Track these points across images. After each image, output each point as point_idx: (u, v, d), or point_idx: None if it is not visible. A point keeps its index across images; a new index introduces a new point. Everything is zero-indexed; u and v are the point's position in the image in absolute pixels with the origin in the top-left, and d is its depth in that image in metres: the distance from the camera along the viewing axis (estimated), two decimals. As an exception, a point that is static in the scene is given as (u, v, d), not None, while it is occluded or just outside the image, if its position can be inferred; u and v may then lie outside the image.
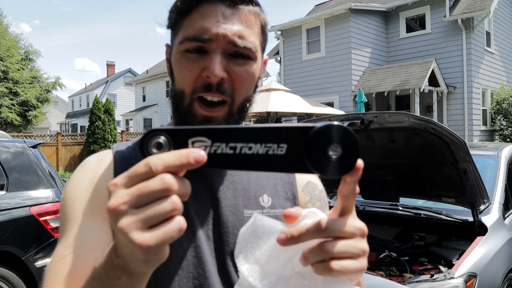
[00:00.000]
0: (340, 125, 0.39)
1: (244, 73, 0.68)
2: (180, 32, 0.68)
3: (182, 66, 0.67)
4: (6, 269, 3.10)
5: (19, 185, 3.32)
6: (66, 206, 0.68)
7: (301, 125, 0.39)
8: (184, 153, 0.38)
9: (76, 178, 0.71)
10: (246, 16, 0.68)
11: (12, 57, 17.46)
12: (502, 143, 3.89)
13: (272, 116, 12.82)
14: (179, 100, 0.69)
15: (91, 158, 0.74)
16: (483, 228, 2.52)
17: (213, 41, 0.65)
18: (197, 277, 0.66)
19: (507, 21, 15.71)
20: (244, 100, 0.70)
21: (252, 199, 0.73)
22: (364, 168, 0.43)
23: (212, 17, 0.65)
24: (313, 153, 0.39)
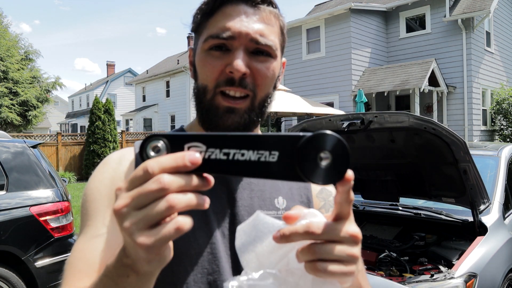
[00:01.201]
0: (331, 133, 0.40)
1: (265, 70, 0.70)
2: (204, 33, 0.71)
3: (206, 63, 0.70)
4: (6, 269, 3.10)
5: (19, 185, 3.32)
6: (87, 202, 0.71)
7: (293, 133, 0.41)
8: (180, 155, 0.40)
9: (98, 175, 0.73)
10: (267, 15, 0.71)
11: (12, 57, 17.45)
12: (502, 143, 3.89)
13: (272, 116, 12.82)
14: (202, 95, 0.71)
15: (113, 155, 0.77)
16: (483, 228, 2.52)
17: (235, 39, 0.68)
18: (211, 272, 0.68)
19: (507, 21, 15.71)
20: (265, 96, 0.73)
21: (267, 201, 0.75)
22: (364, 168, 0.44)
23: (235, 16, 0.68)
24: (303, 160, 0.40)
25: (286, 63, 0.82)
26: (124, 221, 0.40)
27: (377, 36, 14.36)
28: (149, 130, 23.74)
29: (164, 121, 24.39)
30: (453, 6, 13.39)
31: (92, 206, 0.70)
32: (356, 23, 13.46)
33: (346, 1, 16.01)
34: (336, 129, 2.75)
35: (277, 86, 0.78)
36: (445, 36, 13.32)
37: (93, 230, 0.67)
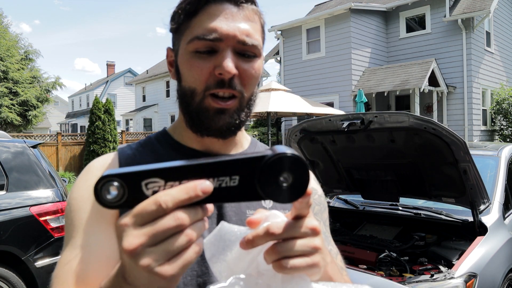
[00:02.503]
0: (290, 155, 0.40)
1: (251, 70, 0.70)
2: (186, 33, 0.69)
3: (193, 65, 0.68)
4: (6, 269, 3.10)
5: (19, 185, 3.32)
6: (72, 212, 0.70)
7: (252, 156, 0.40)
8: (192, 186, 0.39)
9: (81, 183, 0.72)
10: (250, 14, 0.70)
11: (12, 57, 17.44)
12: (502, 143, 3.89)
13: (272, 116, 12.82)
14: (189, 98, 0.70)
15: (95, 162, 0.76)
16: (483, 228, 2.52)
17: (223, 40, 0.67)
18: (200, 275, 0.68)
19: (507, 21, 15.70)
20: (251, 95, 0.73)
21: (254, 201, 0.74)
22: (364, 168, 0.44)
23: (220, 17, 0.67)
24: (265, 182, 0.40)
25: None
26: (141, 259, 0.39)
27: (377, 36, 14.35)
28: (149, 130, 23.74)
29: (164, 121, 24.39)
30: (453, 6, 13.39)
31: (76, 216, 0.69)
32: (356, 23, 13.45)
33: (346, 1, 16.00)
34: (336, 129, 2.75)
35: (259, 84, 0.78)
36: (445, 36, 13.31)
37: (79, 241, 0.67)
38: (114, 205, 0.40)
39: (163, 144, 0.78)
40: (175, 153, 0.76)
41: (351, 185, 3.20)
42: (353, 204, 3.41)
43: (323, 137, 2.92)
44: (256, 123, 18.51)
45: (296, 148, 3.14)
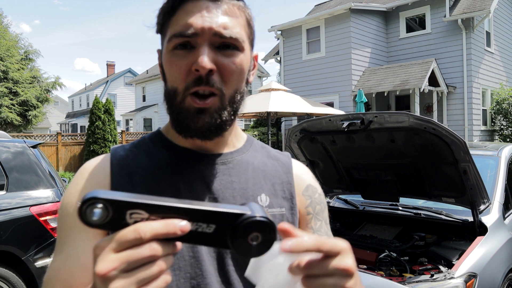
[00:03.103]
0: (264, 219, 0.44)
1: (231, 64, 0.68)
2: (167, 32, 0.69)
3: (172, 64, 0.68)
4: (6, 269, 3.10)
5: (19, 185, 3.32)
6: (63, 217, 0.70)
7: (231, 212, 0.44)
8: (172, 224, 0.41)
9: (73, 187, 0.73)
10: (230, 8, 0.69)
11: (12, 57, 17.44)
12: (502, 143, 3.89)
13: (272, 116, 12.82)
14: (172, 98, 0.69)
15: (87, 165, 0.75)
16: (483, 228, 2.52)
17: (198, 35, 0.66)
18: (194, 276, 0.67)
19: (507, 21, 15.70)
20: (234, 92, 0.70)
21: (250, 199, 0.74)
22: (364, 168, 0.45)
23: (196, 12, 0.66)
24: (236, 238, 0.44)
25: (257, 56, 0.79)
26: (111, 283, 0.40)
27: (377, 36, 14.35)
28: (149, 130, 23.74)
29: (164, 121, 24.39)
30: (453, 6, 13.39)
31: (67, 222, 0.69)
32: (356, 23, 13.45)
33: (346, 1, 16.00)
34: (336, 129, 2.75)
35: (249, 81, 0.75)
36: (445, 36, 13.31)
37: (69, 248, 0.67)
38: (95, 225, 0.41)
39: (157, 144, 0.77)
40: (168, 152, 0.75)
41: (351, 185, 3.20)
42: (353, 204, 3.41)
43: (323, 137, 2.91)
44: (256, 123, 18.51)
45: (296, 148, 3.14)
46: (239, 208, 0.45)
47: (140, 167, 0.73)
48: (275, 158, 0.83)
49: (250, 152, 0.80)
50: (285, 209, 0.77)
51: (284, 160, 0.84)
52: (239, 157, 0.78)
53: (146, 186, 0.71)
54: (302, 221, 0.82)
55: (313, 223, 0.82)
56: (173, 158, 0.74)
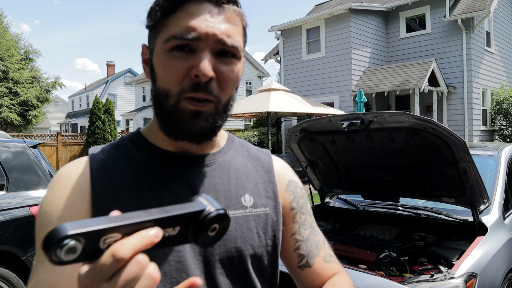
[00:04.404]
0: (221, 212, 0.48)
1: (230, 73, 0.67)
2: (164, 31, 0.66)
3: (168, 65, 0.65)
4: (6, 269, 3.10)
5: (19, 185, 3.32)
6: (42, 225, 0.67)
7: (192, 211, 0.47)
8: (147, 236, 0.41)
9: (50, 194, 0.69)
10: (232, 15, 0.68)
11: (12, 57, 17.45)
12: (502, 143, 3.89)
13: (272, 116, 12.82)
14: (163, 99, 0.67)
15: (65, 170, 0.72)
16: (483, 228, 2.52)
17: (201, 40, 0.64)
18: (180, 280, 0.66)
19: (507, 21, 15.70)
20: (229, 99, 0.70)
21: (234, 200, 0.74)
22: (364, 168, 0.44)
23: (199, 16, 0.64)
24: (199, 233, 0.47)
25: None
26: None
27: (377, 36, 14.35)
28: (149, 130, 23.66)
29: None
30: (453, 6, 13.39)
31: (47, 230, 0.66)
32: (356, 23, 13.45)
33: (346, 1, 16.00)
34: (336, 129, 2.75)
35: (238, 87, 0.75)
36: (445, 36, 13.31)
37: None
38: (66, 262, 0.39)
39: (137, 146, 0.75)
40: (149, 156, 0.73)
41: (351, 185, 3.20)
42: (353, 204, 3.41)
43: (323, 137, 2.91)
44: (256, 123, 18.50)
45: (296, 148, 3.14)
46: (197, 206, 0.47)
47: (121, 172, 0.71)
48: (256, 157, 0.83)
49: (232, 152, 0.80)
50: (269, 208, 0.78)
51: (265, 159, 0.84)
52: (221, 158, 0.77)
53: (128, 192, 0.69)
54: (287, 216, 0.83)
55: (298, 217, 0.84)
56: (154, 162, 0.73)
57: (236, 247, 0.72)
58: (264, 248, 0.76)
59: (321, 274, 0.84)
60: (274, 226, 0.78)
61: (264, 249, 0.76)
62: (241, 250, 0.72)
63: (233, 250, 0.71)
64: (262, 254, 0.75)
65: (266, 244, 0.76)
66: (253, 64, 26.90)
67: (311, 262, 0.84)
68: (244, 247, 0.72)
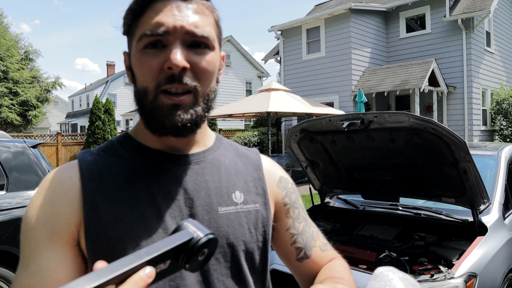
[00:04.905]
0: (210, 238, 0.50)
1: (204, 63, 0.68)
2: (136, 32, 0.69)
3: (143, 63, 0.67)
4: (6, 269, 3.10)
5: (19, 185, 3.32)
6: (27, 231, 0.67)
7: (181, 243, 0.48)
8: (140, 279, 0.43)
9: (36, 200, 0.69)
10: (200, 7, 0.69)
11: (12, 57, 17.44)
12: (502, 143, 3.89)
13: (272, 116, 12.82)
14: (143, 97, 0.69)
15: (51, 175, 0.72)
16: (483, 228, 2.52)
17: (170, 33, 0.66)
18: (173, 278, 0.67)
19: (507, 21, 15.70)
20: (207, 90, 0.71)
21: (225, 196, 0.75)
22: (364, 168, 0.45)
23: (167, 11, 0.66)
24: (190, 261, 0.50)
25: (225, 57, 0.80)
26: None
27: (377, 36, 14.35)
28: (149, 130, 23.68)
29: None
30: (453, 6, 13.39)
31: (33, 236, 0.66)
32: (356, 23, 13.45)
33: (346, 1, 16.00)
34: (336, 129, 2.75)
35: (218, 80, 0.76)
36: (445, 36, 13.31)
37: (35, 264, 0.65)
38: None
39: (127, 147, 0.76)
40: (139, 155, 0.74)
41: (351, 185, 3.20)
42: (353, 204, 3.41)
43: (323, 137, 2.91)
44: (256, 123, 18.49)
45: (296, 148, 3.14)
46: (184, 235, 0.49)
47: (111, 171, 0.71)
48: (245, 155, 0.85)
49: (221, 151, 0.82)
50: (259, 205, 0.79)
51: (254, 157, 0.86)
52: (211, 156, 0.78)
53: (120, 191, 0.69)
54: (281, 212, 0.85)
55: (291, 212, 0.86)
56: (145, 161, 0.73)
57: (229, 243, 0.73)
58: (255, 243, 0.77)
59: (319, 263, 0.87)
60: (264, 222, 0.79)
61: (255, 244, 0.77)
62: (234, 246, 0.73)
63: (226, 246, 0.73)
64: (253, 249, 0.77)
65: (257, 239, 0.78)
66: (253, 64, 26.91)
67: (308, 254, 0.86)
68: (236, 242, 0.74)
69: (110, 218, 0.67)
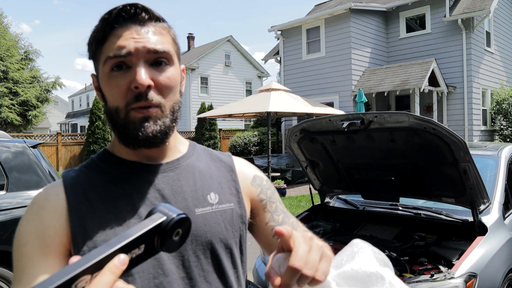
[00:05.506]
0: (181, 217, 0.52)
1: (166, 79, 0.75)
2: (101, 57, 0.75)
3: (111, 85, 0.74)
4: (6, 269, 3.10)
5: (19, 185, 3.32)
6: (20, 247, 0.73)
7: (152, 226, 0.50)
8: (114, 267, 0.46)
9: (27, 217, 0.75)
10: (158, 29, 0.76)
11: (12, 57, 17.44)
12: (502, 143, 3.89)
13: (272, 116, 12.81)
14: (115, 115, 0.75)
15: (37, 197, 0.78)
16: (483, 228, 2.52)
17: (132, 55, 0.72)
18: (156, 276, 0.73)
19: (507, 21, 15.70)
20: (172, 103, 0.77)
21: (200, 198, 0.81)
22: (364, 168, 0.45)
23: (127, 36, 0.73)
24: (165, 243, 0.51)
25: (185, 69, 0.87)
26: None
27: (377, 36, 14.35)
28: (149, 130, 23.66)
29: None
30: (453, 6, 13.39)
31: (25, 251, 0.72)
32: (356, 23, 13.45)
33: (346, 1, 16.00)
34: (336, 129, 2.75)
35: (181, 91, 0.82)
36: (445, 36, 13.31)
37: (28, 278, 0.69)
38: None
39: (107, 162, 0.82)
40: (118, 167, 0.81)
41: (351, 185, 3.20)
42: (353, 204, 3.41)
43: (323, 137, 2.91)
44: (256, 123, 18.50)
45: (296, 148, 3.14)
46: (155, 219, 0.51)
47: (93, 184, 0.78)
48: (218, 159, 0.92)
49: (195, 156, 0.88)
50: (233, 204, 0.85)
51: (227, 160, 0.92)
52: (185, 163, 0.85)
53: (102, 201, 0.75)
54: (258, 207, 0.91)
55: (268, 206, 0.92)
56: (123, 172, 0.80)
57: (207, 241, 0.79)
58: (232, 239, 0.83)
59: None
60: (239, 219, 0.85)
61: (233, 240, 0.83)
62: (212, 243, 0.79)
63: (205, 243, 0.79)
64: (231, 245, 0.82)
65: (234, 235, 0.83)
66: (253, 64, 26.90)
67: None
68: (214, 240, 0.79)
69: (95, 226, 0.73)
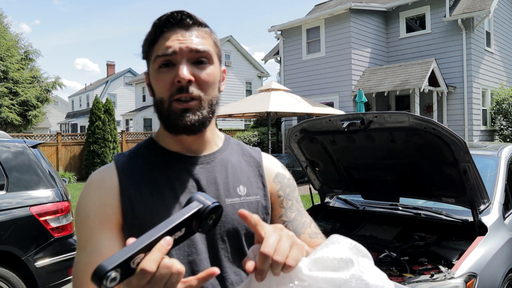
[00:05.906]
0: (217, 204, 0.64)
1: (206, 76, 0.87)
2: (152, 56, 0.88)
3: (159, 79, 0.86)
4: (6, 269, 3.10)
5: (19, 185, 3.32)
6: (82, 219, 0.86)
7: (192, 213, 0.62)
8: (161, 247, 0.57)
9: (85, 195, 0.88)
10: (200, 33, 0.88)
11: (12, 57, 17.44)
12: (502, 143, 3.89)
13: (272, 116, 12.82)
14: (160, 106, 0.87)
15: (94, 176, 0.90)
16: (483, 228, 2.52)
17: (177, 53, 0.84)
18: (190, 254, 0.85)
19: (507, 21, 15.70)
20: (210, 98, 0.88)
21: (231, 190, 0.92)
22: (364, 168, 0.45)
23: (174, 38, 0.86)
24: (202, 226, 0.63)
25: (225, 70, 0.98)
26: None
27: (377, 36, 14.35)
28: (149, 130, 23.72)
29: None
30: (453, 6, 13.39)
31: (88, 223, 0.84)
32: (356, 23, 13.45)
33: (346, 1, 16.00)
34: (336, 129, 2.75)
35: (221, 90, 0.93)
36: (445, 36, 13.31)
37: (92, 245, 0.82)
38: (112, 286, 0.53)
39: (152, 150, 0.94)
40: (162, 157, 0.92)
41: (351, 185, 3.20)
42: (353, 204, 3.41)
43: (323, 137, 2.91)
44: (256, 123, 18.49)
45: (296, 148, 3.14)
46: (193, 207, 0.62)
47: (140, 170, 0.90)
48: (249, 154, 1.02)
49: (228, 151, 0.99)
50: (259, 196, 0.95)
51: (256, 156, 1.02)
52: (220, 156, 0.96)
53: (148, 187, 0.88)
54: (275, 202, 0.99)
55: (284, 203, 1.00)
56: (167, 161, 0.92)
57: (234, 227, 0.90)
58: None
59: None
60: (263, 210, 0.96)
61: None
62: (237, 230, 0.90)
63: (231, 229, 0.89)
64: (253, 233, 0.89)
65: None
66: (253, 64, 26.90)
67: None
68: (240, 227, 0.90)
69: (142, 208, 0.85)
